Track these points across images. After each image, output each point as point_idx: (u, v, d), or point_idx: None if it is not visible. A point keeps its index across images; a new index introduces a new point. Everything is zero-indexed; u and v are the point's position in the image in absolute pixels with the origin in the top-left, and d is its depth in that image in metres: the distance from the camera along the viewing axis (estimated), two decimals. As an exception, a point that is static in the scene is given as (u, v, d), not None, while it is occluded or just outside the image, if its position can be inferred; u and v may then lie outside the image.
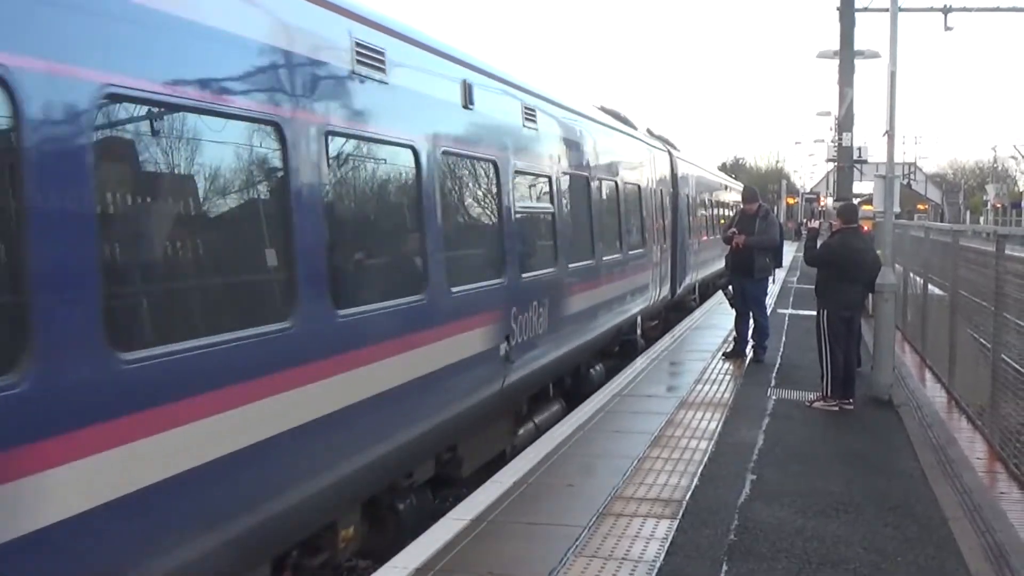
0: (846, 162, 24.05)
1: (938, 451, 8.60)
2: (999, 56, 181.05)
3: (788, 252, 30.29)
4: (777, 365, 13.08)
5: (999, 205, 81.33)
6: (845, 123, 23.76)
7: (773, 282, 22.44)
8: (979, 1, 25.42)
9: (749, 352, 13.53)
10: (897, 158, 15.66)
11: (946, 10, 25.39)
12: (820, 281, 10.71)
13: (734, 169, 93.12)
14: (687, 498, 7.10)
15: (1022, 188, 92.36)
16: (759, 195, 14.37)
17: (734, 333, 13.99)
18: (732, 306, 13.93)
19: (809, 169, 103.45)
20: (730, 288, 13.91)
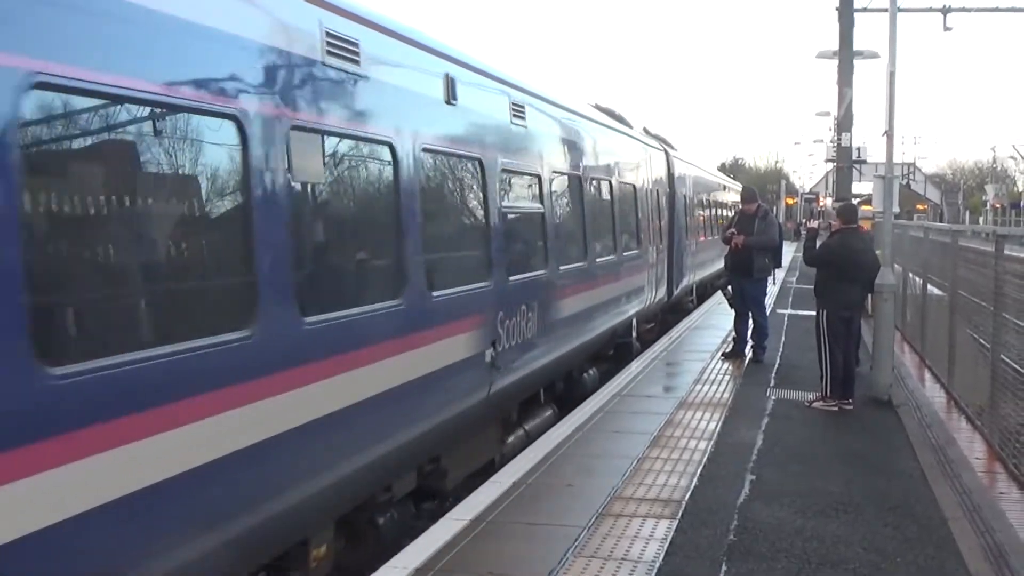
0: (845, 162, 24.04)
1: (937, 451, 8.60)
2: (998, 56, 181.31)
3: (787, 252, 30.39)
4: (776, 365, 13.09)
5: (998, 205, 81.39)
6: (844, 123, 23.76)
7: (774, 283, 22.52)
8: (978, 1, 25.43)
9: (748, 352, 13.54)
10: (896, 158, 15.61)
11: (945, 10, 25.40)
12: (819, 281, 10.71)
13: (733, 169, 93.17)
14: (686, 498, 7.10)
15: (1021, 188, 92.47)
16: (758, 195, 14.38)
17: (733, 333, 14.00)
18: (731, 306, 13.94)
19: (808, 169, 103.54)
20: (729, 288, 13.93)
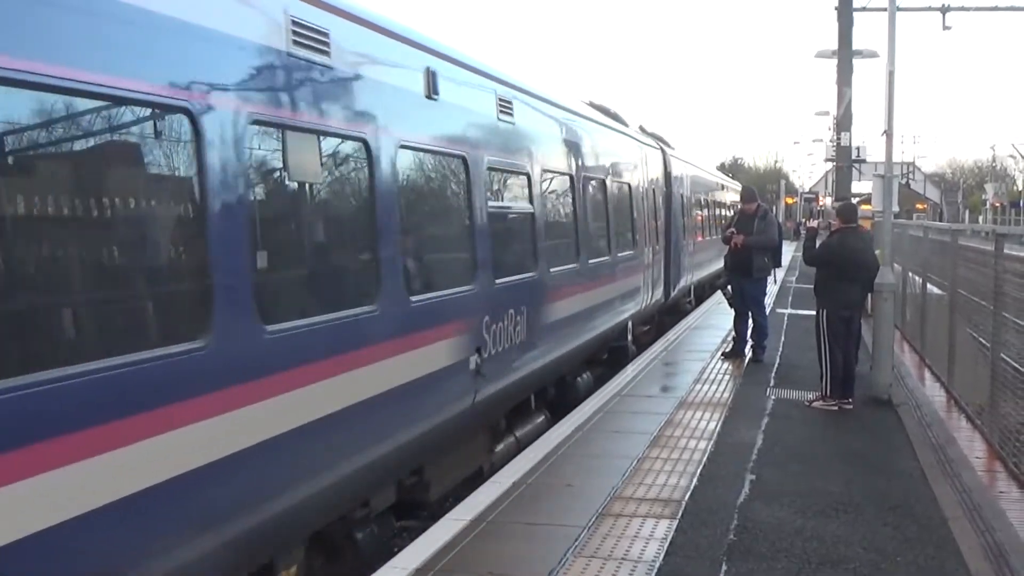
0: (845, 162, 24.04)
1: (937, 450, 8.60)
2: (997, 55, 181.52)
3: (787, 252, 30.40)
4: (776, 365, 13.08)
5: (998, 204, 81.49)
6: (844, 123, 23.75)
7: (775, 283, 22.51)
8: (977, 1, 25.44)
9: (748, 352, 13.54)
10: (896, 157, 15.64)
11: (944, 9, 25.41)
12: (819, 281, 10.71)
13: (733, 169, 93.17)
14: (686, 498, 7.10)
15: (1021, 187, 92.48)
16: (757, 195, 14.38)
17: (733, 333, 14.01)
18: (731, 306, 13.94)
19: (808, 169, 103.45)
20: (729, 288, 13.93)
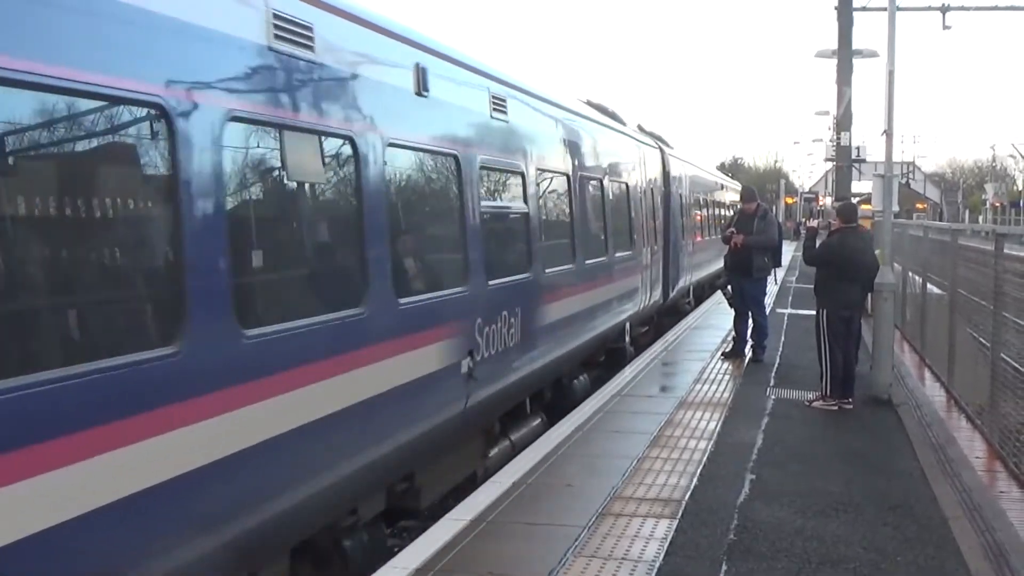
0: (845, 161, 24.03)
1: (937, 450, 8.60)
2: (997, 55, 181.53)
3: (787, 251, 30.39)
4: (776, 365, 13.08)
5: (998, 204, 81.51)
6: (843, 122, 23.74)
7: (775, 283, 22.47)
8: (977, 0, 25.44)
9: (748, 352, 13.54)
10: (896, 157, 15.64)
11: (944, 9, 25.41)
12: (819, 281, 10.71)
13: (733, 169, 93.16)
14: (686, 498, 7.09)
15: (1021, 187, 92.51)
16: (757, 195, 14.38)
17: (733, 333, 14.00)
18: (731, 306, 13.94)
19: (808, 168, 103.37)
20: (729, 288, 13.93)
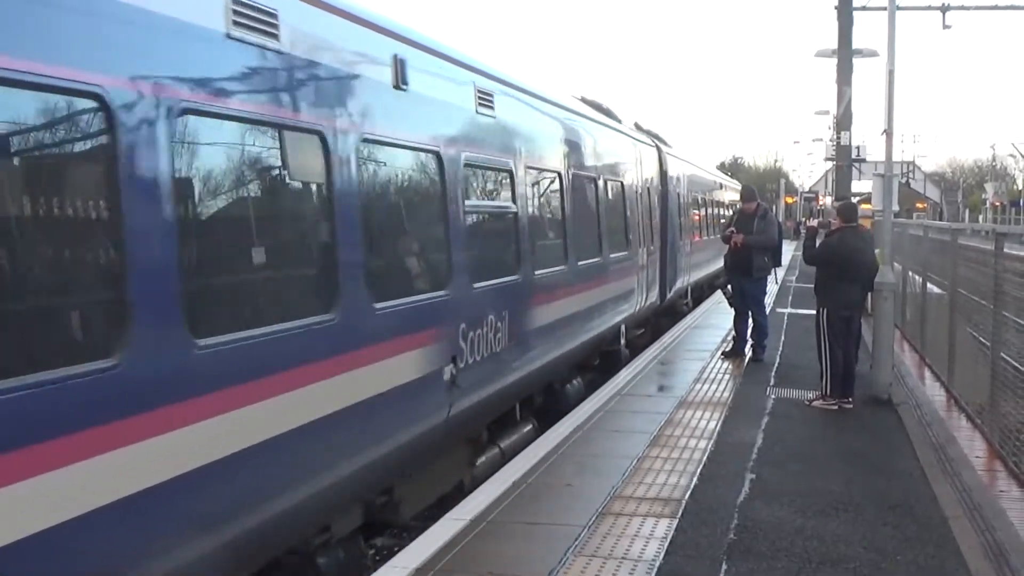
0: (845, 161, 24.05)
1: (937, 450, 8.60)
2: (997, 54, 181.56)
3: (787, 251, 30.39)
4: (776, 364, 13.08)
5: (998, 203, 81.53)
6: (843, 122, 23.76)
7: (776, 282, 22.45)
8: (977, 0, 25.44)
9: (748, 351, 13.54)
10: (896, 157, 15.65)
11: (944, 8, 25.42)
12: (819, 280, 10.70)
13: (733, 168, 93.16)
14: (686, 497, 7.09)
15: (1021, 186, 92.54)
16: (757, 194, 14.38)
17: (733, 332, 14.01)
18: (731, 305, 13.94)
19: (808, 168, 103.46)
20: (729, 287, 13.94)
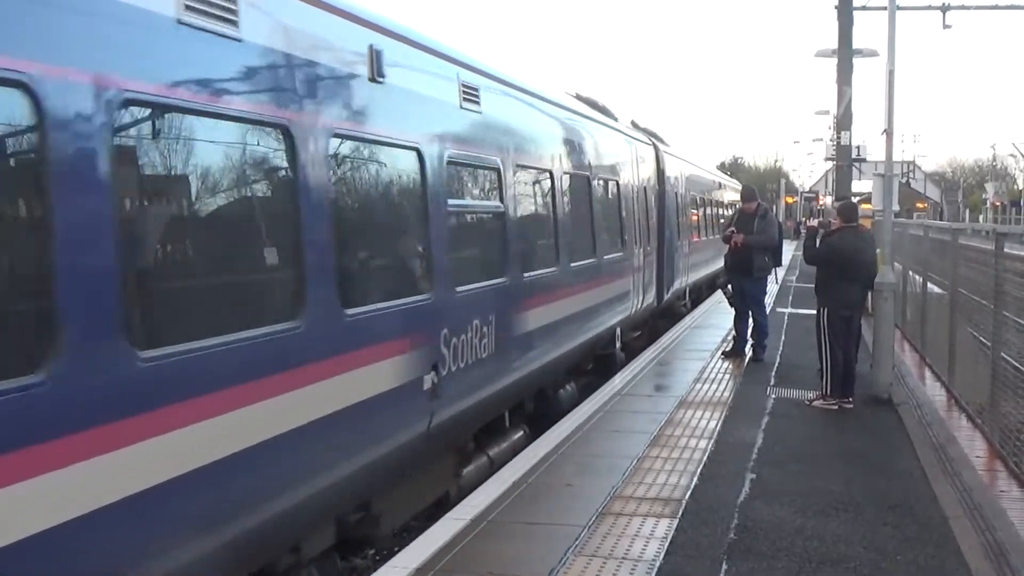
0: (845, 161, 24.05)
1: (938, 450, 8.60)
2: (998, 54, 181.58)
3: (787, 251, 30.37)
4: (776, 364, 13.08)
5: (998, 203, 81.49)
6: (844, 122, 23.75)
7: (776, 282, 22.43)
8: (977, 0, 25.44)
9: (748, 351, 13.54)
10: (896, 156, 15.65)
11: (944, 8, 25.42)
12: (820, 280, 10.70)
13: (733, 168, 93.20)
14: (687, 497, 7.09)
15: (1021, 186, 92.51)
16: (758, 194, 14.38)
17: (733, 332, 14.01)
18: (731, 305, 13.95)
19: (808, 168, 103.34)
20: (729, 287, 13.94)
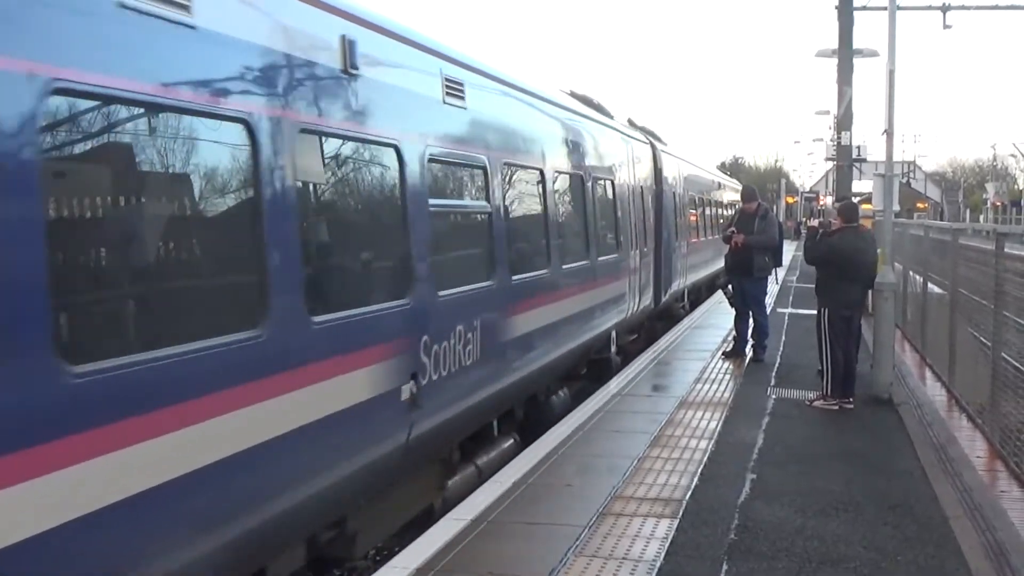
0: (845, 161, 24.04)
1: (938, 450, 8.60)
2: (998, 54, 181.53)
3: (787, 251, 30.36)
4: (777, 364, 13.08)
5: (999, 203, 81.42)
6: (844, 122, 23.74)
7: (776, 282, 22.41)
8: (977, 0, 25.43)
9: (749, 351, 13.54)
10: (896, 156, 15.66)
11: (944, 8, 25.41)
12: (820, 280, 10.71)
13: (733, 168, 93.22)
14: (687, 498, 7.09)
15: (1022, 186, 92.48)
16: (758, 194, 14.39)
17: (733, 332, 14.01)
18: (731, 305, 13.95)
19: (808, 168, 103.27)
20: (730, 287, 13.94)
